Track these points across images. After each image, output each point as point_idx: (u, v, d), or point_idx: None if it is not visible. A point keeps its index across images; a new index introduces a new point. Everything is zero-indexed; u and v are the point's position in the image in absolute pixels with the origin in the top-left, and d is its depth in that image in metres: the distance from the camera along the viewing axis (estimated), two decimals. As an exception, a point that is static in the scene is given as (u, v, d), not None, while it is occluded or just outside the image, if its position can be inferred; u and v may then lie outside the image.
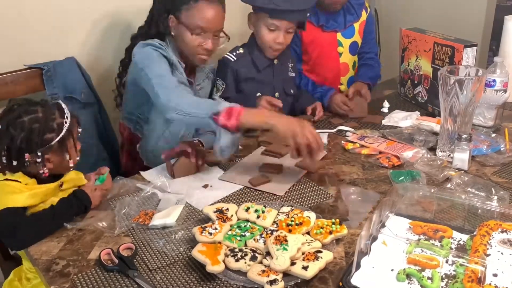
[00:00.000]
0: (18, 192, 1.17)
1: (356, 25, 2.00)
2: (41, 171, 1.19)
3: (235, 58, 1.73)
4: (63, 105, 1.23)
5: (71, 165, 1.23)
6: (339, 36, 1.98)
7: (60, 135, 1.18)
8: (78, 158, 1.27)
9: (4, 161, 1.17)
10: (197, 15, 1.46)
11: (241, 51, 1.74)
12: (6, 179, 1.19)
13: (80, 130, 1.26)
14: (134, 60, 1.48)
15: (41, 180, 1.21)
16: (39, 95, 1.60)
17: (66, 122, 1.20)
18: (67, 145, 1.21)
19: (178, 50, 1.56)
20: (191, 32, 1.48)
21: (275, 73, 1.77)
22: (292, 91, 1.85)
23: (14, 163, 1.17)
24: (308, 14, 1.69)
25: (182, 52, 1.56)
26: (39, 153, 1.17)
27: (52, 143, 1.18)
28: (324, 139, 1.61)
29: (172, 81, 1.40)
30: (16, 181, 1.18)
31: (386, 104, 1.87)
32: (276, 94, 1.79)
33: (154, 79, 1.38)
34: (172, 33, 1.52)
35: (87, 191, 1.23)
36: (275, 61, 1.77)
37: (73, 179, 1.28)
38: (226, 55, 1.75)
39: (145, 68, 1.41)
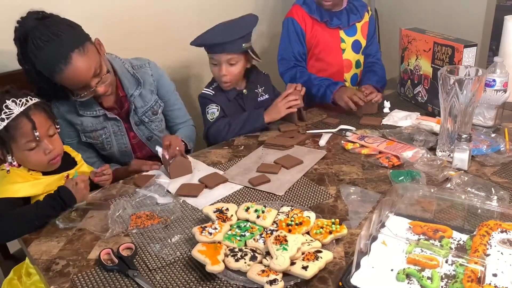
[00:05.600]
0: (20, 182, 1.19)
1: (359, 25, 2.05)
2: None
3: (213, 92, 1.78)
4: (11, 105, 1.20)
5: (7, 168, 1.21)
6: (341, 33, 2.02)
7: None
8: (50, 159, 1.26)
9: None
10: (66, 82, 1.40)
11: (215, 85, 1.80)
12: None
13: (37, 133, 1.22)
14: None
15: (47, 172, 1.25)
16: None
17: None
18: (5, 147, 1.20)
19: None
20: (74, 92, 1.45)
21: (245, 102, 1.82)
22: None
23: None
24: (243, 44, 1.71)
25: None
26: None
27: None
28: (324, 140, 1.62)
29: None
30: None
31: (387, 104, 1.87)
32: None
33: None
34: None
35: (69, 186, 1.23)
36: (244, 91, 1.81)
37: (84, 172, 1.30)
38: (204, 91, 1.80)
39: None
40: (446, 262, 0.93)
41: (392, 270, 0.92)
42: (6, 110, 1.19)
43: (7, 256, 1.56)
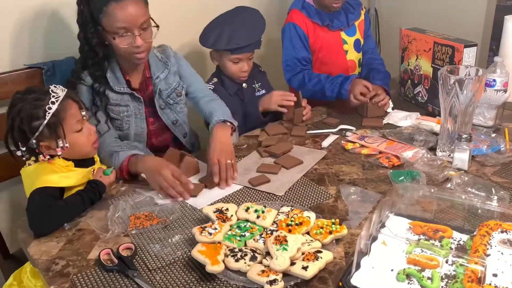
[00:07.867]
0: (58, 172, 1.22)
1: (357, 23, 2.05)
2: (42, 159, 1.22)
3: (213, 87, 1.82)
4: (55, 90, 1.23)
5: (59, 153, 1.23)
6: (343, 34, 2.02)
7: (45, 121, 1.19)
8: (93, 142, 1.31)
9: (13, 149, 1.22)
10: (113, 19, 1.40)
11: (215, 80, 1.85)
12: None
13: (83, 113, 1.27)
14: None
15: (77, 165, 1.28)
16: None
17: (50, 108, 1.19)
18: (58, 131, 1.21)
19: (118, 61, 1.53)
20: (115, 36, 1.44)
21: (245, 96, 1.87)
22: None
23: (18, 153, 1.21)
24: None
25: (122, 61, 1.53)
26: (34, 141, 1.19)
27: (40, 129, 1.19)
28: (328, 141, 1.61)
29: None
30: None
31: (390, 104, 1.87)
32: None
33: None
34: (106, 43, 1.47)
35: (100, 180, 1.29)
36: (244, 85, 1.87)
37: (100, 167, 1.35)
38: None
39: None
40: (446, 262, 0.93)
41: (392, 270, 0.92)
42: (54, 94, 1.22)
43: (7, 256, 1.56)
